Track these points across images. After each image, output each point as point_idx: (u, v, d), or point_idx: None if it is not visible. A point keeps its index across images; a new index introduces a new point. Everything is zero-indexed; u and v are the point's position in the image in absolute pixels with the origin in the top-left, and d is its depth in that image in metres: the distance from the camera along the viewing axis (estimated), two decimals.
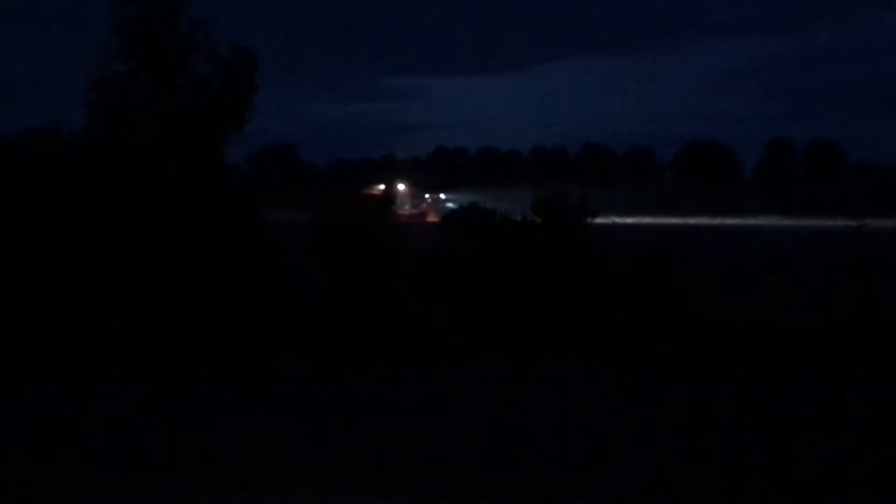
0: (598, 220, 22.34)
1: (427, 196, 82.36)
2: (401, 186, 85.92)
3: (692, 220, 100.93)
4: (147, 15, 19.50)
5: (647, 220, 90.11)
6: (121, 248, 18.23)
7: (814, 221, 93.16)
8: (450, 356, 17.17)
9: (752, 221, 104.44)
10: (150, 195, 18.93)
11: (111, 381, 15.42)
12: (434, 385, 15.49)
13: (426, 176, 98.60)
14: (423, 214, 71.65)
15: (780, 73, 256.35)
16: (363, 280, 19.76)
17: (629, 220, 68.08)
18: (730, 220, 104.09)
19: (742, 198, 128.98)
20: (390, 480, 10.17)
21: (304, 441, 11.84)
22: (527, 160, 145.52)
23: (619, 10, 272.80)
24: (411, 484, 10.01)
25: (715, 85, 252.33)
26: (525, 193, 23.18)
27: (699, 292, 20.03)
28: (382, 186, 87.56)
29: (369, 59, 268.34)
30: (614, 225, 24.31)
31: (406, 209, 75.17)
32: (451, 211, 27.49)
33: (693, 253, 29.66)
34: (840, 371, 16.26)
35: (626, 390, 15.15)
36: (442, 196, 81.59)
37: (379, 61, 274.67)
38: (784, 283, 28.33)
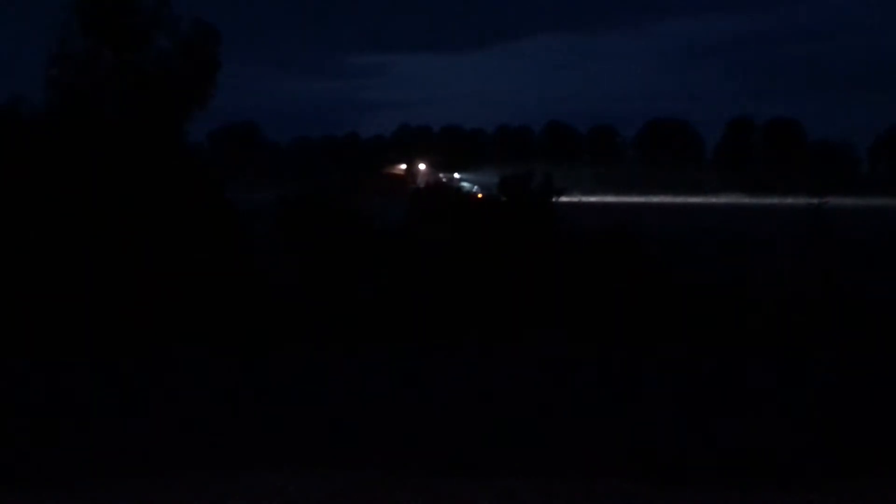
0: (564, 199, 22.46)
1: (441, 175, 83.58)
2: (421, 166, 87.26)
3: (655, 199, 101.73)
4: None
5: (610, 198, 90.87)
6: (80, 227, 18.00)
7: (774, 199, 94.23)
8: (415, 336, 17.16)
9: (713, 200, 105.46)
10: (112, 173, 18.69)
11: (77, 364, 15.25)
12: (399, 365, 15.48)
13: (442, 156, 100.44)
14: None
15: (742, 51, 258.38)
16: (330, 259, 19.68)
17: (593, 199, 68.66)
18: (692, 199, 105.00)
19: (703, 176, 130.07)
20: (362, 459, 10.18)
21: (281, 420, 11.82)
22: (491, 138, 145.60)
23: None
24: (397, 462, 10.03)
25: (677, 63, 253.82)
26: (495, 172, 23.33)
27: (664, 269, 20.17)
28: (404, 166, 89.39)
29: (332, 36, 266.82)
30: (580, 203, 24.45)
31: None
32: (416, 189, 27.50)
33: (656, 231, 29.90)
34: (797, 344, 16.46)
35: (592, 364, 15.24)
36: (456, 175, 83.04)
37: (342, 38, 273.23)
38: (745, 260, 28.65)
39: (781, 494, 9.05)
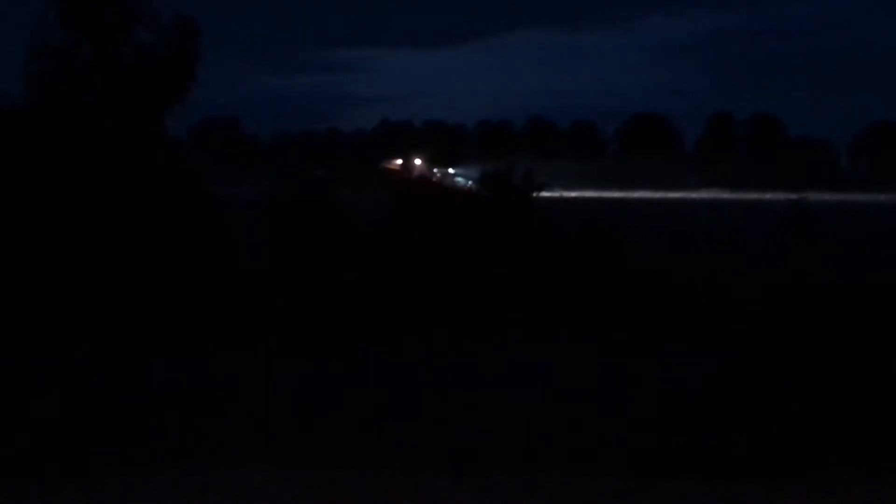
0: (545, 194, 22.48)
1: (436, 170, 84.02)
2: (417, 161, 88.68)
3: (635, 194, 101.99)
4: None
5: (591, 193, 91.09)
6: (57, 220, 17.89)
7: (755, 195, 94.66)
8: (393, 333, 17.13)
9: (694, 195, 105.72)
10: (92, 167, 18.59)
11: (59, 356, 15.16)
12: (379, 363, 15.46)
13: (429, 151, 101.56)
14: None
15: (723, 47, 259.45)
16: (310, 255, 19.62)
17: (573, 194, 68.86)
18: (672, 194, 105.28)
19: (684, 171, 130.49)
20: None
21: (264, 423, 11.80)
22: (472, 134, 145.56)
23: None
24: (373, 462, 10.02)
25: (658, 59, 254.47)
26: (476, 167, 23.36)
27: (644, 264, 20.24)
28: (400, 161, 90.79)
29: (313, 31, 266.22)
30: (561, 198, 24.46)
31: None
32: (399, 185, 27.46)
33: (637, 225, 29.97)
34: (774, 339, 16.56)
35: (571, 360, 15.27)
36: (451, 170, 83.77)
37: (323, 33, 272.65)
38: (726, 255, 28.79)
39: (765, 487, 9.11)
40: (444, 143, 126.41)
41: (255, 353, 15.66)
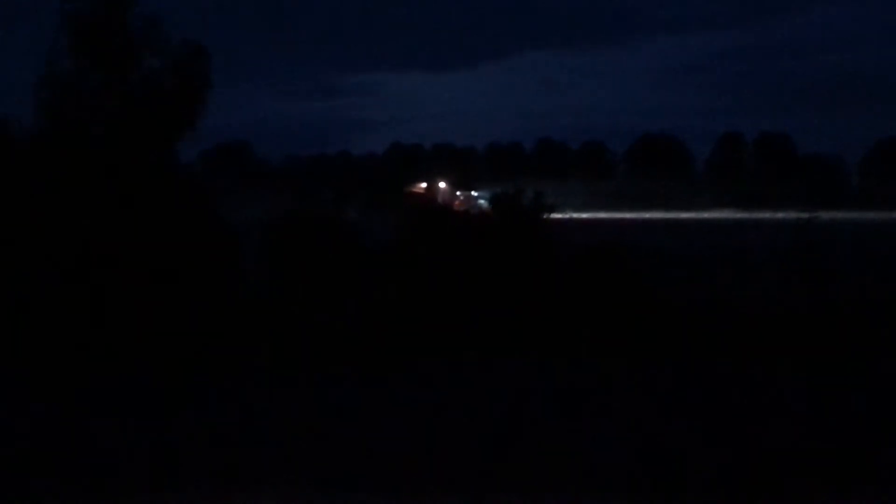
0: (555, 216, 22.47)
1: (458, 193, 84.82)
2: (441, 184, 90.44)
3: (646, 215, 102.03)
4: (96, 10, 19.22)
5: (601, 214, 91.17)
6: (67, 247, 17.96)
7: (766, 214, 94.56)
8: (403, 355, 17.11)
9: (705, 215, 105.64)
10: (102, 193, 18.67)
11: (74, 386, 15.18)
12: (387, 385, 15.45)
13: (458, 173, 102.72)
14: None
15: (731, 67, 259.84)
16: (315, 277, 19.62)
17: (584, 216, 68.90)
18: (683, 214, 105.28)
19: (695, 191, 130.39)
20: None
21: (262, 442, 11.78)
22: (482, 156, 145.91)
23: (571, 4, 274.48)
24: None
25: (667, 79, 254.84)
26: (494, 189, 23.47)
27: (655, 285, 20.19)
28: (424, 185, 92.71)
29: (323, 56, 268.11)
30: (571, 220, 24.47)
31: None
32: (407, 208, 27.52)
33: (649, 246, 29.92)
34: (785, 358, 16.50)
35: (579, 384, 15.22)
36: (473, 193, 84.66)
37: (333, 57, 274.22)
38: (737, 275, 28.69)
39: None
40: (456, 165, 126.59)
41: (261, 376, 15.67)
